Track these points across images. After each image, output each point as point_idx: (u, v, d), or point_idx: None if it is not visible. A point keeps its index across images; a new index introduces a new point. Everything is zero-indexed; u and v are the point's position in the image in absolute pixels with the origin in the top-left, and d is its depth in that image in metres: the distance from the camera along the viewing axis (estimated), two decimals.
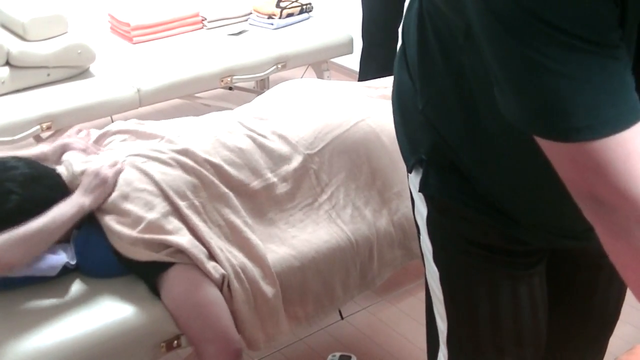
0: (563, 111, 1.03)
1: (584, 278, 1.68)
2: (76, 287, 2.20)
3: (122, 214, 2.19)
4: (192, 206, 2.25)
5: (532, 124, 1.09)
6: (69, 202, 2.15)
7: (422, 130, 1.47)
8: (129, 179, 2.25)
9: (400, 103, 1.56)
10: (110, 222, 2.18)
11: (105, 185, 2.19)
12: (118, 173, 2.23)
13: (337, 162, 2.52)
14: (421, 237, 1.61)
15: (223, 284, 2.18)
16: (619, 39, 1.02)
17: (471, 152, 1.40)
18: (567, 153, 1.07)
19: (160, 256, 2.15)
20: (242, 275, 2.20)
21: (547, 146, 1.09)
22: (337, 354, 2.82)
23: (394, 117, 1.61)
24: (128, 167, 2.29)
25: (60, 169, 2.32)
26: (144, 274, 2.20)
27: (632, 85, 1.04)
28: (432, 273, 1.60)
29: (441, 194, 1.49)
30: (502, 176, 1.39)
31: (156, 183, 2.24)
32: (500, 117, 1.14)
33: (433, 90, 1.40)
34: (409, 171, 1.55)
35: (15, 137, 3.39)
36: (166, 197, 2.23)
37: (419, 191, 1.52)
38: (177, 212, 2.22)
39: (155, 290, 2.18)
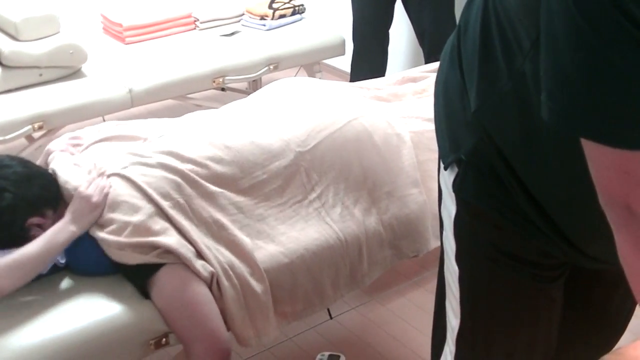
0: (621, 114, 1.02)
1: (601, 293, 1.68)
2: (65, 284, 2.21)
3: (108, 223, 2.19)
4: (177, 205, 2.25)
5: (583, 125, 1.07)
6: (60, 229, 2.14)
7: (468, 130, 1.45)
8: (113, 187, 2.25)
9: (447, 99, 1.53)
10: (97, 232, 2.18)
11: (95, 211, 2.18)
12: (106, 195, 2.22)
13: (328, 161, 2.53)
14: (444, 233, 1.60)
15: (212, 282, 2.19)
16: None
17: (522, 160, 1.38)
18: (613, 159, 1.05)
19: (150, 258, 2.15)
20: (230, 272, 2.21)
21: (591, 148, 1.08)
22: (326, 354, 2.82)
23: (436, 110, 1.58)
24: (112, 177, 2.29)
25: (53, 168, 2.32)
26: (134, 276, 2.20)
27: None
28: (452, 270, 1.59)
29: (477, 200, 1.48)
30: (551, 187, 1.37)
31: (138, 187, 2.24)
32: (554, 129, 1.12)
33: (491, 93, 1.37)
34: (445, 168, 1.53)
35: (7, 137, 3.40)
36: (150, 199, 2.22)
37: (453, 191, 1.50)
38: (162, 212, 2.22)
39: (144, 293, 2.18)
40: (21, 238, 2.12)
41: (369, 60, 4.47)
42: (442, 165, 1.55)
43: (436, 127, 1.59)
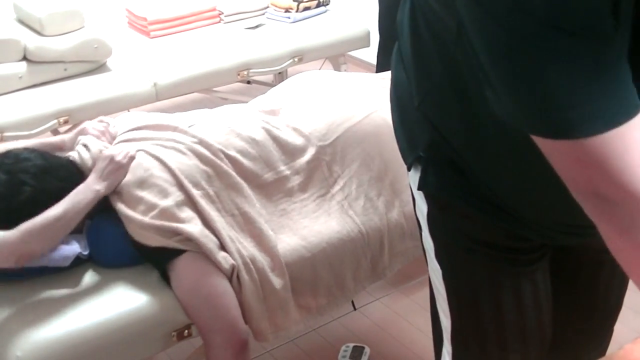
0: (559, 108, 1.02)
1: (587, 274, 1.67)
2: (89, 277, 2.23)
3: (135, 200, 2.21)
4: (206, 195, 2.27)
5: (528, 123, 1.07)
6: (84, 189, 2.15)
7: (420, 127, 1.45)
8: (146, 166, 2.27)
9: (398, 100, 1.54)
10: (123, 208, 2.20)
11: (119, 171, 2.19)
12: (132, 159, 2.22)
13: (349, 154, 2.53)
14: (423, 234, 1.60)
15: (232, 275, 2.20)
16: (612, 29, 0.99)
17: (470, 149, 1.39)
18: (566, 151, 1.05)
19: (171, 242, 2.17)
20: (251, 266, 2.22)
21: (544, 144, 1.08)
22: (351, 345, 2.83)
23: (392, 114, 1.59)
24: (145, 154, 2.31)
25: (73, 154, 2.34)
26: (155, 259, 2.22)
27: (629, 78, 1.02)
28: (435, 270, 1.59)
29: (441, 192, 1.48)
30: (502, 172, 1.38)
31: (172, 171, 2.26)
32: (495, 113, 1.12)
33: (429, 86, 1.38)
34: (408, 169, 1.54)
35: (33, 132, 3.43)
36: (181, 186, 2.24)
37: (419, 189, 1.51)
38: (190, 201, 2.24)
39: (165, 277, 2.20)
40: None
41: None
42: (406, 167, 1.55)
43: (394, 130, 1.58)
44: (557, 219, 1.42)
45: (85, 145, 2.33)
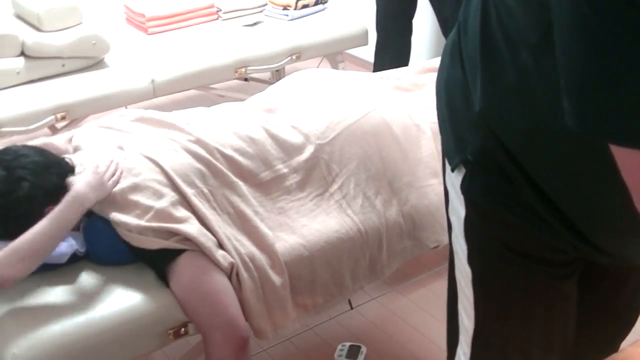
0: None
1: (611, 285, 1.64)
2: (85, 274, 2.22)
3: (130, 205, 2.20)
4: (201, 194, 2.26)
5: (605, 128, 1.00)
6: (71, 203, 2.11)
7: (472, 130, 1.41)
8: (138, 170, 2.26)
9: (449, 97, 1.49)
10: (118, 215, 2.19)
11: (105, 187, 2.17)
12: (117, 181, 2.21)
13: (347, 152, 2.53)
14: (454, 235, 1.57)
15: (232, 273, 2.19)
16: None
17: (532, 157, 1.34)
18: None
19: (170, 243, 2.16)
20: (250, 264, 2.21)
21: (619, 152, 1.02)
22: (347, 344, 2.82)
23: (439, 112, 1.55)
24: (137, 155, 2.30)
25: (72, 157, 2.34)
26: (154, 262, 2.21)
27: None
28: (464, 273, 1.56)
29: (485, 199, 1.44)
30: (565, 182, 1.33)
31: (165, 172, 2.25)
32: (568, 126, 1.05)
33: (496, 91, 1.32)
34: (452, 170, 1.49)
35: (30, 127, 3.42)
36: (175, 187, 2.24)
37: (461, 193, 1.47)
38: (185, 201, 2.24)
39: (164, 279, 2.19)
40: None
41: (392, 50, 4.45)
42: (447, 167, 1.52)
43: (440, 127, 1.55)
44: (611, 242, 1.39)
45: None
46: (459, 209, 1.51)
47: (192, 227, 2.18)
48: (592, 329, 1.71)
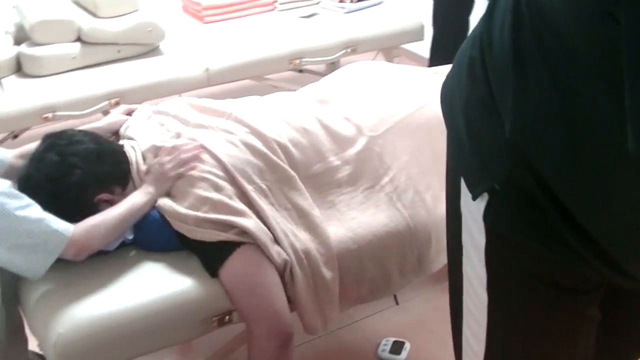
0: None
1: (632, 306, 1.60)
2: (132, 259, 2.23)
3: (187, 196, 2.19)
4: (259, 190, 2.24)
5: None
6: (141, 195, 2.19)
7: (500, 156, 1.31)
8: (197, 163, 2.26)
9: (469, 121, 1.39)
10: (173, 206, 2.18)
11: (168, 182, 2.23)
12: (187, 164, 2.24)
13: (399, 145, 2.50)
14: (465, 260, 1.48)
15: (285, 270, 2.17)
16: None
17: (568, 184, 1.25)
18: None
19: (229, 236, 2.14)
20: (304, 261, 2.19)
21: None
22: (391, 339, 2.80)
23: (454, 130, 1.45)
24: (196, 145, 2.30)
25: (127, 148, 2.35)
26: (205, 253, 2.18)
27: None
28: (479, 299, 1.48)
29: (514, 232, 1.35)
30: (604, 214, 1.25)
31: (224, 166, 2.24)
32: (617, 149, 1.01)
33: (529, 111, 1.23)
34: (473, 198, 1.38)
35: (84, 112, 3.46)
36: (233, 181, 2.22)
37: (484, 222, 1.38)
38: (243, 195, 2.21)
39: (211, 268, 2.16)
40: (90, 212, 2.14)
41: (448, 46, 4.39)
42: (465, 192, 1.42)
43: (454, 150, 1.46)
44: None
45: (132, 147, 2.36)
46: (476, 236, 1.42)
47: (249, 221, 2.16)
48: (608, 347, 1.66)
